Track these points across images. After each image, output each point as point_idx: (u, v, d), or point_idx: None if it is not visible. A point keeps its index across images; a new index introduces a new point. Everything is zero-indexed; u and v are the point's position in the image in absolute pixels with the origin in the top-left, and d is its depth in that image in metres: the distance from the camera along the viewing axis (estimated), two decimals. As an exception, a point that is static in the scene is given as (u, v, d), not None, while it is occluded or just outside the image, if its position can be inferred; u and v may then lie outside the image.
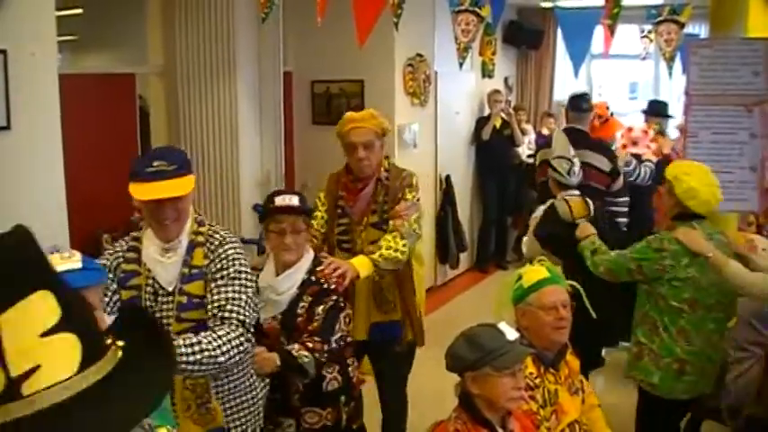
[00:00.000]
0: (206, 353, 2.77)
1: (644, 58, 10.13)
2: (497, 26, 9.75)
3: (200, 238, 3.12)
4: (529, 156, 9.69)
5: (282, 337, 3.51)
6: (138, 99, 6.94)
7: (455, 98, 9.30)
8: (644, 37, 9.72)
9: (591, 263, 4.36)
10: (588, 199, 4.99)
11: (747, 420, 4.03)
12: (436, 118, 8.79)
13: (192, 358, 2.72)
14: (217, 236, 3.14)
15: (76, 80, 5.93)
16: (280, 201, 3.67)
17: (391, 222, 4.18)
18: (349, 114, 4.48)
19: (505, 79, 11.02)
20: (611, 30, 5.34)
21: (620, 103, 12.31)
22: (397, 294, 4.37)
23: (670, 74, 5.99)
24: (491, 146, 9.64)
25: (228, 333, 2.88)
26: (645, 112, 7.41)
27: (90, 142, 5.97)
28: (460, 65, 5.88)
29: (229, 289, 3.01)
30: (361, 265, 3.91)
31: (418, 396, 4.80)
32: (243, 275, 3.07)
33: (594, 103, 6.58)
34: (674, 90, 9.35)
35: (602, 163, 5.80)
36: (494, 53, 10.15)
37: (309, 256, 3.73)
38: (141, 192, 2.99)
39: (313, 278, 3.64)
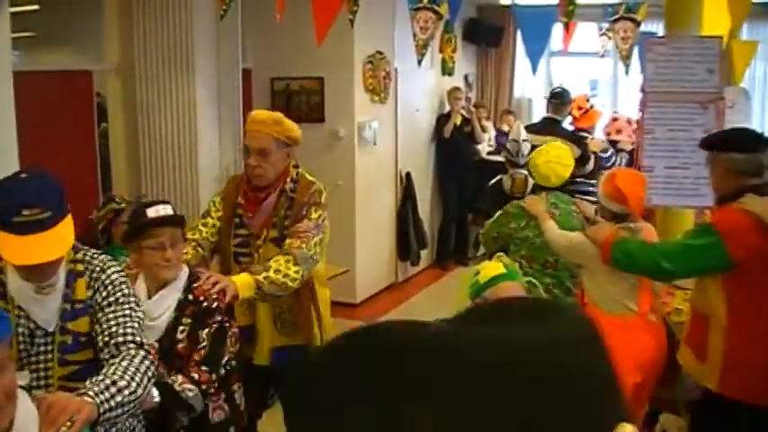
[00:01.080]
0: (125, 391, 2.41)
1: (602, 56, 10.20)
2: (455, 23, 9.82)
3: (80, 267, 2.75)
4: (489, 153, 9.75)
5: (162, 368, 3.05)
6: (95, 96, 6.89)
7: (415, 95, 9.33)
8: (603, 35, 9.80)
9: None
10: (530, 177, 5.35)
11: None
12: (396, 115, 8.81)
13: (113, 402, 2.35)
14: (96, 261, 2.78)
15: (33, 78, 5.87)
16: (154, 212, 3.22)
17: (288, 242, 3.80)
18: (254, 114, 4.12)
19: (466, 77, 11.06)
20: (566, 27, 5.38)
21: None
22: (300, 316, 4.00)
23: (627, 71, 6.05)
24: (452, 143, 9.67)
25: (132, 360, 2.55)
26: None
27: (47, 140, 5.91)
28: (419, 62, 5.89)
29: (119, 314, 2.69)
30: (244, 284, 3.54)
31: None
32: (131, 300, 2.76)
33: (574, 97, 7.25)
34: (632, 87, 9.45)
35: (573, 150, 6.04)
36: (454, 50, 10.15)
37: (184, 272, 3.35)
38: (12, 251, 2.50)
39: (190, 297, 3.28)
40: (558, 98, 7.05)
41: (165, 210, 3.23)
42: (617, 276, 4.22)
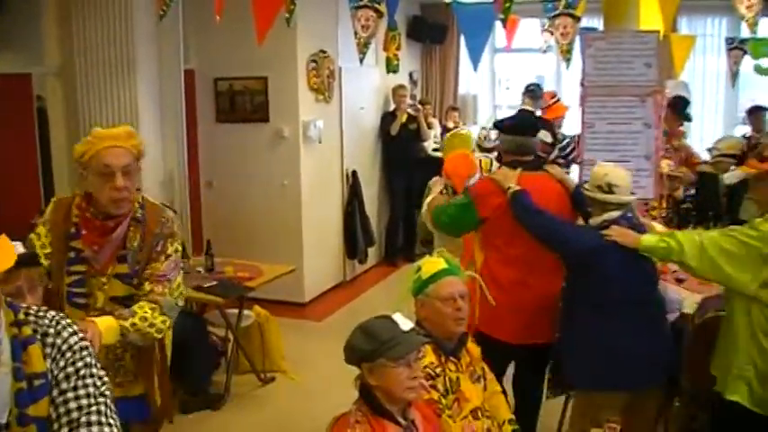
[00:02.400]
0: None
1: (545, 52, 10.28)
2: (394, 21, 9.83)
3: (27, 330, 2.15)
4: (435, 150, 9.78)
5: None
6: (36, 99, 6.79)
7: (360, 94, 9.32)
8: (545, 31, 9.87)
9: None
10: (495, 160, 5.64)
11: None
12: (341, 114, 8.80)
13: None
14: (46, 321, 2.21)
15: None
16: None
17: (148, 287, 3.25)
18: (99, 131, 3.27)
19: (410, 74, 11.08)
20: (503, 24, 5.41)
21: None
22: (138, 363, 3.44)
23: (567, 66, 6.11)
24: (398, 140, 9.68)
25: None
26: None
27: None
28: (361, 60, 5.88)
29: (81, 393, 2.16)
30: (108, 329, 2.97)
31: (331, 390, 4.82)
32: (94, 370, 2.22)
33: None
34: (574, 82, 9.52)
35: (547, 136, 7.47)
36: (398, 48, 10.16)
37: None
38: None
39: None
40: (532, 92, 8.42)
41: (16, 249, 2.51)
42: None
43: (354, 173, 9.02)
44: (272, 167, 7.98)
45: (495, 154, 5.69)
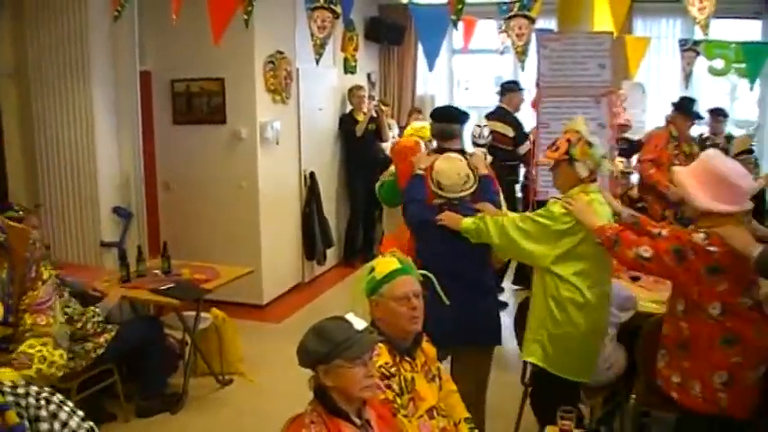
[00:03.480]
0: None
1: (502, 53, 10.35)
2: (351, 22, 9.83)
3: (12, 417, 1.85)
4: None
5: None
6: (-12, 102, 6.72)
7: (318, 94, 9.31)
8: (502, 32, 9.92)
9: None
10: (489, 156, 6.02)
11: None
12: (299, 115, 8.78)
13: None
14: (30, 399, 1.93)
15: None
16: None
17: (30, 319, 2.95)
18: None
19: (368, 75, 11.10)
20: (455, 25, 5.44)
21: (486, 97, 12.57)
22: None
23: (522, 67, 6.14)
24: (358, 141, 9.70)
25: None
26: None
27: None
28: (317, 61, 5.88)
29: None
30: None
31: (289, 391, 4.80)
32: None
33: None
34: (531, 83, 9.60)
35: (508, 131, 8.25)
36: (356, 49, 10.20)
37: None
38: None
39: None
40: (507, 90, 8.69)
41: None
42: None
43: (312, 174, 9.01)
44: (230, 169, 7.94)
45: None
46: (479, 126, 8.03)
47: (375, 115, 9.81)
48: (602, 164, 4.19)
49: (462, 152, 4.76)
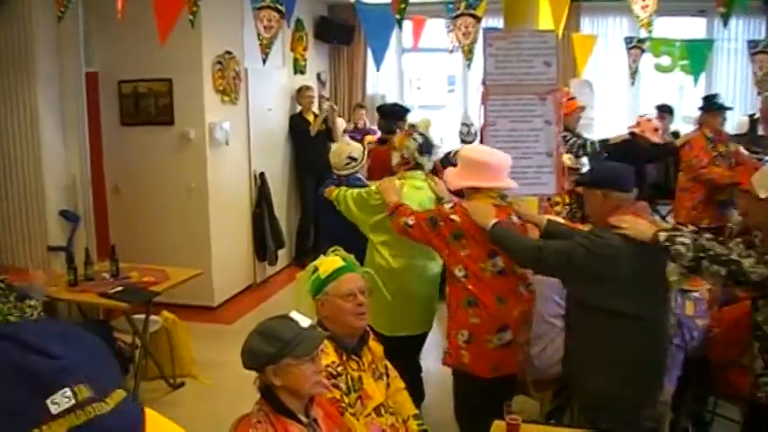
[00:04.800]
0: None
1: (452, 52, 10.39)
2: (300, 22, 9.84)
3: None
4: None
5: None
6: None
7: (267, 95, 9.28)
8: (451, 31, 9.97)
9: None
10: None
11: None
12: (248, 115, 8.75)
13: None
14: None
15: None
16: None
17: None
18: None
19: (318, 75, 11.09)
20: (398, 24, 5.46)
21: (439, 96, 12.64)
22: None
23: (469, 66, 6.19)
24: (308, 141, 9.68)
25: None
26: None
27: None
28: (264, 61, 5.87)
29: None
30: None
31: (242, 392, 4.78)
32: None
33: None
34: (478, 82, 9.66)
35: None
36: (305, 49, 10.20)
37: None
38: None
39: None
40: None
41: None
42: None
43: (263, 175, 8.98)
44: (179, 170, 7.89)
45: None
46: (467, 125, 8.31)
47: (329, 114, 9.80)
48: (415, 156, 4.96)
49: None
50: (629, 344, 3.66)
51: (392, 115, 7.29)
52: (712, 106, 7.56)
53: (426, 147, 5.00)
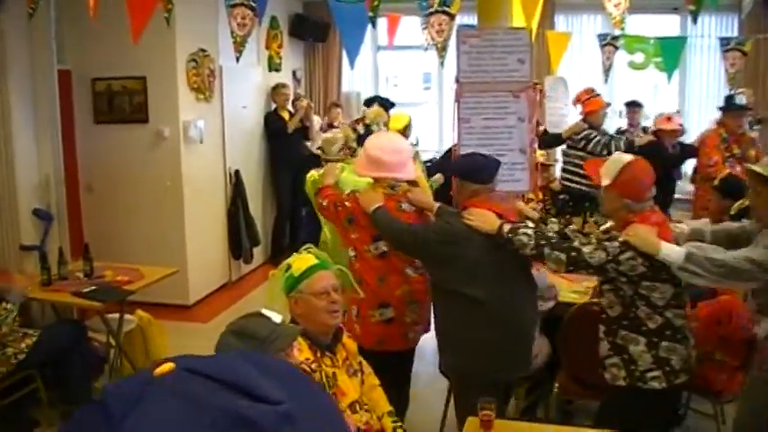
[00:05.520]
0: None
1: (426, 49, 10.38)
2: (276, 20, 9.82)
3: None
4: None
5: None
6: None
7: (242, 92, 9.26)
8: (425, 28, 9.96)
9: None
10: None
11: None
12: (223, 113, 8.72)
13: None
14: None
15: None
16: None
17: None
18: None
19: (293, 72, 11.07)
20: (372, 22, 5.47)
21: (415, 93, 12.65)
22: None
23: (442, 64, 6.20)
24: (283, 139, 9.67)
25: None
26: None
27: None
28: (237, 59, 5.86)
29: None
30: None
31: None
32: None
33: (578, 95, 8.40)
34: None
35: None
36: (280, 47, 10.18)
37: None
38: None
39: None
40: None
41: None
42: None
43: (237, 172, 8.96)
44: (154, 169, 7.86)
45: None
46: None
47: (307, 111, 9.80)
48: (354, 146, 5.50)
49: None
50: (472, 323, 4.03)
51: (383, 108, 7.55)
52: (731, 107, 7.55)
53: (366, 137, 5.17)
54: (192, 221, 8.03)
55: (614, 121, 9.98)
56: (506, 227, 3.85)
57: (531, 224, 4.07)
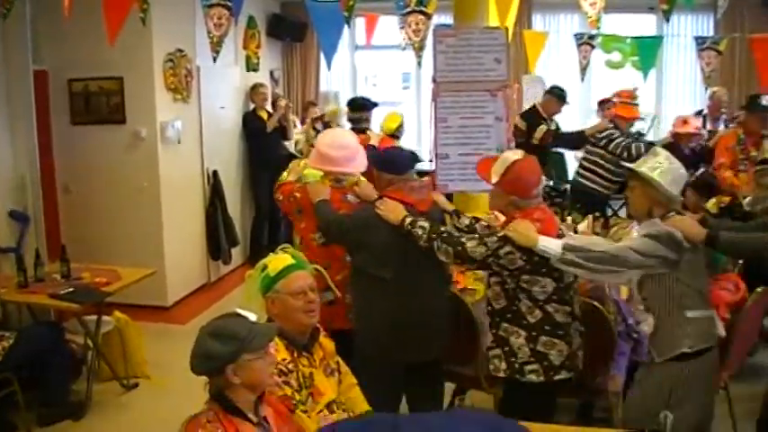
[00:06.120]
0: None
1: (404, 49, 10.39)
2: (254, 20, 9.81)
3: None
4: (299, 150, 9.79)
5: None
6: None
7: (220, 93, 9.23)
8: (402, 28, 9.96)
9: None
10: None
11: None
12: (200, 113, 8.69)
13: None
14: None
15: None
16: None
17: None
18: None
19: (271, 72, 11.06)
20: (347, 22, 5.48)
21: (394, 93, 12.65)
22: None
23: (419, 63, 6.22)
24: (262, 139, 9.65)
25: None
26: None
27: None
28: (214, 59, 5.86)
29: None
30: None
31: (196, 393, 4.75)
32: None
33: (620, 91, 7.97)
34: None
35: (522, 123, 8.44)
36: (258, 47, 10.16)
37: None
38: None
39: None
40: (555, 94, 8.59)
41: None
42: None
43: (215, 173, 8.94)
44: (131, 169, 7.82)
45: None
46: None
47: (284, 111, 9.80)
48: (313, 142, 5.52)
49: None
50: (378, 301, 4.28)
51: (360, 108, 7.73)
52: (755, 107, 7.22)
53: None
54: (169, 222, 8.00)
55: (591, 120, 10.05)
56: (408, 219, 4.12)
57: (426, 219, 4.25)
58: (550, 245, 3.65)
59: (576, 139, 8.35)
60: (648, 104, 11.03)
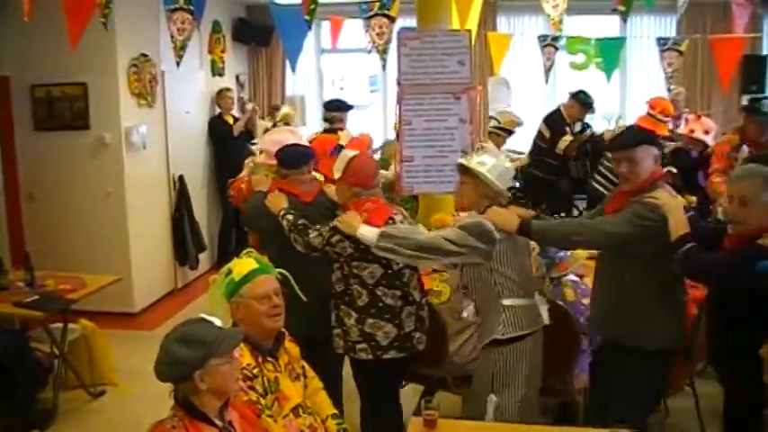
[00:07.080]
0: None
1: (369, 52, 10.40)
2: (219, 24, 9.79)
3: None
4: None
5: None
6: None
7: (185, 97, 9.20)
8: (367, 31, 9.97)
9: None
10: None
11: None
12: (165, 118, 8.66)
13: None
14: None
15: None
16: None
17: None
18: None
19: (237, 77, 11.04)
20: (308, 25, 5.49)
21: (361, 96, 12.64)
22: None
23: (383, 66, 6.25)
24: (228, 143, 9.62)
25: None
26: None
27: None
28: (178, 63, 5.86)
29: None
30: None
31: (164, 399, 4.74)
32: None
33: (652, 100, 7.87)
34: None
35: (546, 130, 8.64)
36: (223, 51, 10.14)
37: None
38: None
39: None
40: (579, 99, 8.63)
41: None
42: None
43: (182, 178, 8.90)
44: (96, 175, 7.78)
45: None
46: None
47: (252, 114, 9.81)
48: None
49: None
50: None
51: (334, 109, 7.77)
52: (756, 113, 6.66)
53: None
54: (135, 228, 7.95)
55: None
56: (282, 211, 4.48)
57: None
58: (368, 233, 3.98)
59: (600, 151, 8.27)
60: (613, 105, 11.14)
